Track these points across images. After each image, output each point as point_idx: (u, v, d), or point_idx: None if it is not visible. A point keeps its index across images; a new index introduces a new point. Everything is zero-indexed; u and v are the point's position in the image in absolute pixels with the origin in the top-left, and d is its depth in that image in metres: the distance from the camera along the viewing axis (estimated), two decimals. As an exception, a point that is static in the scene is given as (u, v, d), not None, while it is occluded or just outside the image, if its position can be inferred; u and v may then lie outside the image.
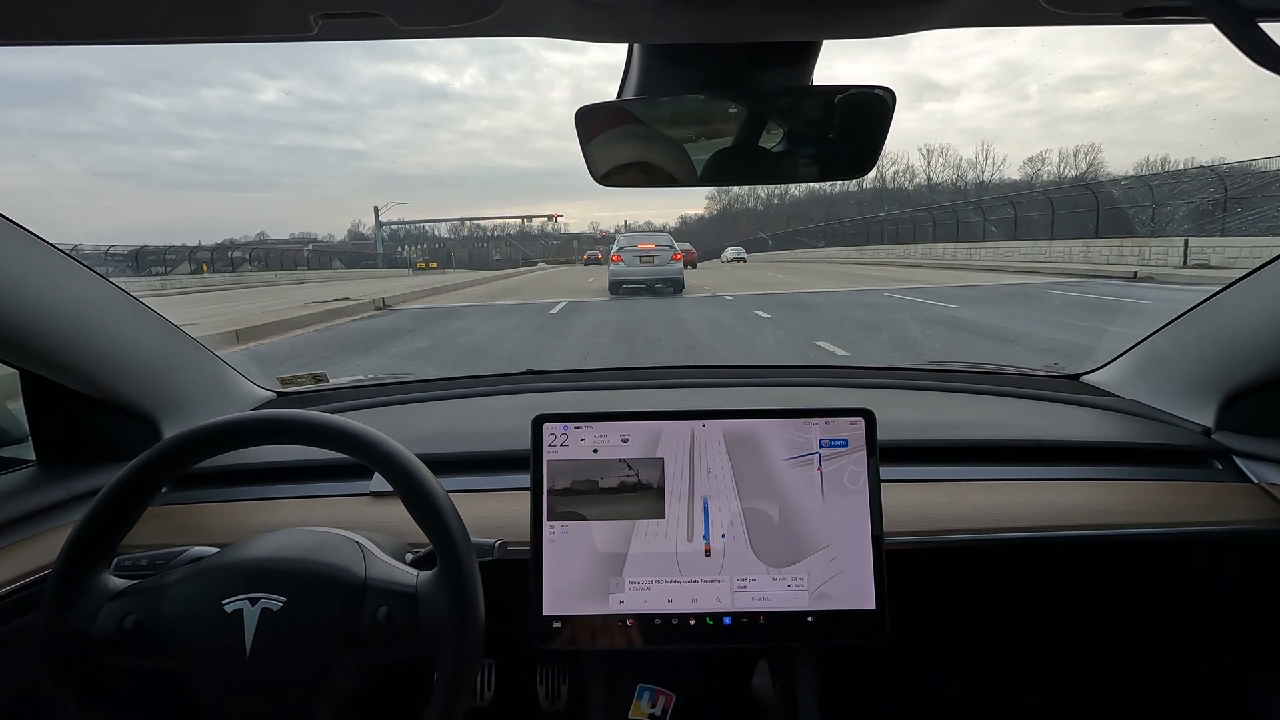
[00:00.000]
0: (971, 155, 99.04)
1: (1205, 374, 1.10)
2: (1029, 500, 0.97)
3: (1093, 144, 55.02)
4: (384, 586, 0.68)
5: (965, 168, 63.34)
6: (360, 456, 0.70)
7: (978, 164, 63.63)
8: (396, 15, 0.49)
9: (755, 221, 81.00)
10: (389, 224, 54.30)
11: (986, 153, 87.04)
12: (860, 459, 0.85)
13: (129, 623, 0.66)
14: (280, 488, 1.02)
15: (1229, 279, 1.04)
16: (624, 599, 0.83)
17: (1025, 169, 56.12)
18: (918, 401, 1.30)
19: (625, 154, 0.74)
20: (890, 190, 63.86)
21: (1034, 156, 69.11)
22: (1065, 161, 53.12)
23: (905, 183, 65.59)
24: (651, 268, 13.94)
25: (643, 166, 0.75)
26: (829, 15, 0.53)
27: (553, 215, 44.44)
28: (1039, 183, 48.23)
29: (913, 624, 0.96)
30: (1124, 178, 33.56)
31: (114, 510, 0.68)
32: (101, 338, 0.95)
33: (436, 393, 1.40)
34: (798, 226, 58.09)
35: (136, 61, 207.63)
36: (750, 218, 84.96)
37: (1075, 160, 51.45)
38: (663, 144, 0.72)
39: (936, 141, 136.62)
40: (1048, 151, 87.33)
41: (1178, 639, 1.14)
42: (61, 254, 0.89)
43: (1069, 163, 52.21)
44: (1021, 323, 8.08)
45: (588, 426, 0.86)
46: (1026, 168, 55.89)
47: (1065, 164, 52.34)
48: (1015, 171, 56.92)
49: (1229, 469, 1.03)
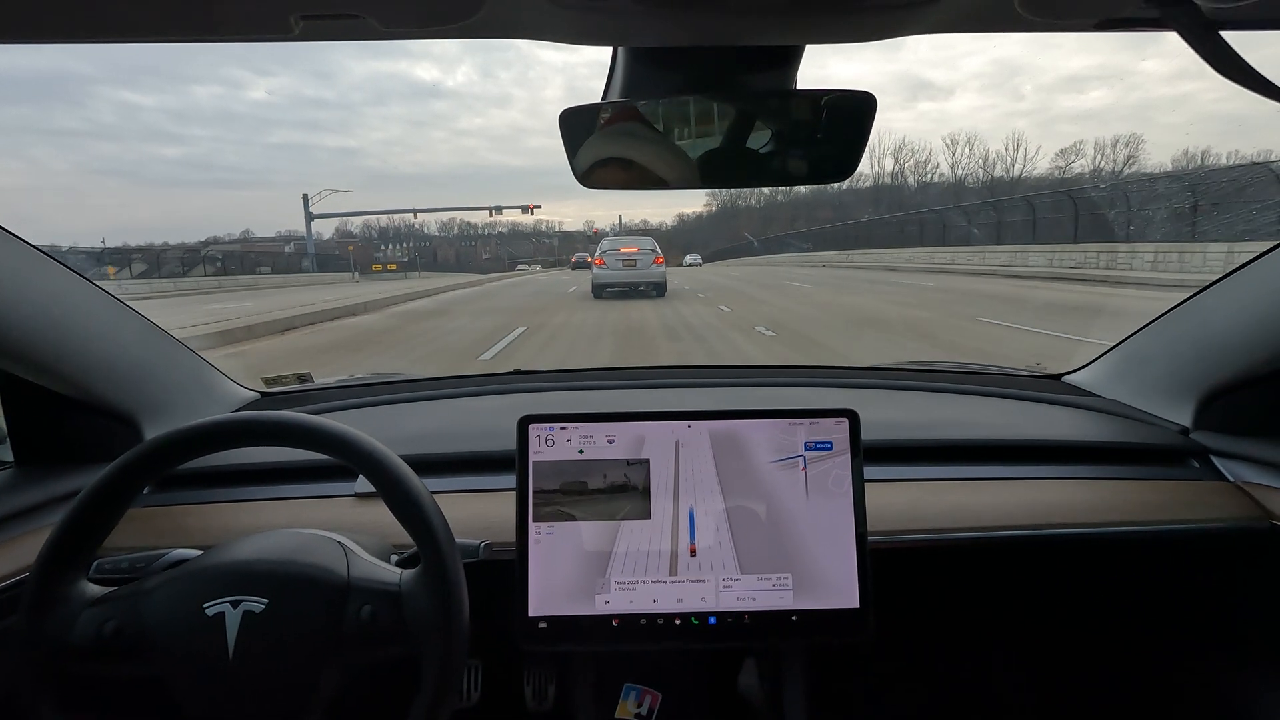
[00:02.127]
0: (1000, 147, 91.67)
1: (1183, 375, 1.12)
2: (1011, 499, 0.98)
3: (1133, 134, 51.64)
4: (367, 586, 0.68)
5: (993, 160, 57.64)
6: (342, 457, 0.70)
7: (1007, 156, 56.77)
8: (378, 16, 0.49)
9: (757, 219, 77.69)
10: (321, 216, 43.21)
11: (1018, 143, 79.42)
12: (844, 462, 0.86)
13: (108, 629, 0.65)
14: (263, 489, 1.02)
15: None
16: (610, 599, 0.83)
17: (1057, 160, 50.69)
18: (901, 401, 1.31)
19: (608, 156, 0.74)
20: (909, 188, 58.99)
21: (1066, 148, 62.95)
22: (1102, 153, 47.03)
23: (927, 177, 60.68)
24: (634, 271, 14.05)
25: (626, 168, 0.75)
26: (810, 20, 0.54)
27: (528, 206, 38.86)
28: (1069, 177, 44.72)
29: (897, 622, 0.97)
30: (1158, 174, 31.41)
31: (93, 513, 0.68)
32: (81, 337, 0.94)
33: (422, 393, 1.39)
34: (804, 228, 54.36)
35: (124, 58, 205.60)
36: (751, 216, 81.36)
37: (1113, 152, 45.22)
38: (646, 146, 0.73)
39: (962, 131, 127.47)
40: (1082, 143, 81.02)
41: (1158, 635, 1.16)
42: (40, 253, 0.88)
43: (1105, 155, 46.20)
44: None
45: (573, 427, 0.86)
46: (1059, 160, 50.56)
47: (1102, 156, 46.42)
48: (1047, 164, 51.73)
49: (1206, 468, 1.05)
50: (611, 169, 0.76)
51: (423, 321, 11.24)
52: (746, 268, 36.40)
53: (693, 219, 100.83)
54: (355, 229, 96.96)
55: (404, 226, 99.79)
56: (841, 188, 53.86)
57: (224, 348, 8.08)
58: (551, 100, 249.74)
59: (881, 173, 61.62)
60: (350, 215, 49.57)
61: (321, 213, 42.01)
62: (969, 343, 7.06)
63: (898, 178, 60.90)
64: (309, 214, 40.32)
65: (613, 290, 14.14)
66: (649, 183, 0.76)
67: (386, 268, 48.93)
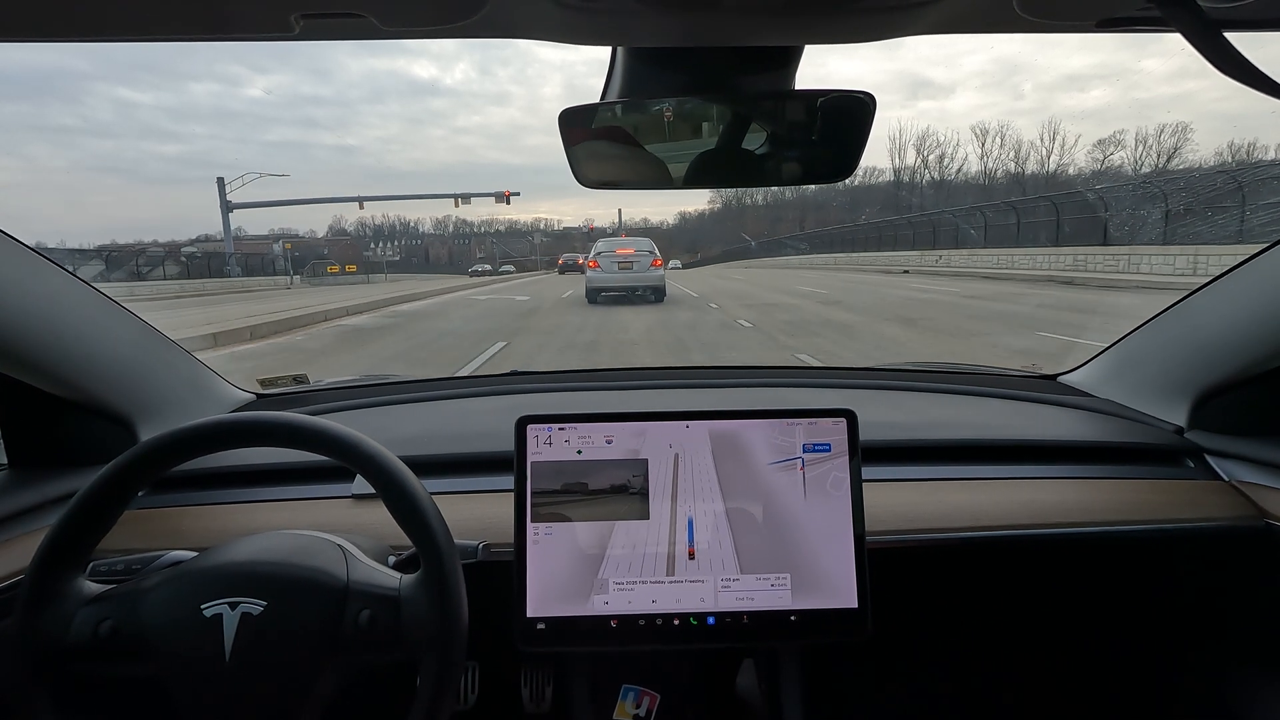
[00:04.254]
0: (1035, 137, 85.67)
1: (1178, 375, 1.12)
2: (1007, 499, 0.99)
3: (1180, 123, 46.21)
4: (366, 590, 0.67)
5: (1026, 150, 53.93)
6: (343, 459, 0.69)
7: (1042, 147, 53.06)
8: (379, 16, 0.49)
9: (763, 218, 75.04)
10: (241, 206, 34.77)
11: (1054, 133, 64.84)
12: (843, 464, 0.86)
13: (105, 628, 0.65)
14: (260, 490, 1.01)
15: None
16: (608, 600, 0.83)
17: (1094, 152, 47.96)
18: (898, 402, 1.32)
19: (608, 156, 0.74)
20: (928, 184, 55.33)
21: (1105, 139, 59.31)
22: (1144, 144, 43.55)
23: (953, 169, 56.91)
24: (630, 274, 13.16)
25: (626, 169, 0.75)
26: (809, 21, 0.54)
27: (503, 194, 32.69)
28: (1106, 171, 42.19)
29: (894, 622, 0.97)
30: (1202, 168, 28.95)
31: (90, 514, 0.67)
32: (76, 338, 0.94)
33: (419, 394, 1.39)
34: (814, 227, 51.98)
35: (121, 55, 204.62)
36: (757, 213, 78.86)
37: (1158, 142, 41.72)
38: (646, 147, 0.73)
39: (993, 120, 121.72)
40: (1123, 133, 70.98)
41: (1153, 633, 1.16)
42: (34, 253, 0.88)
43: (1149, 145, 42.76)
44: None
45: (571, 428, 0.86)
46: (1096, 151, 47.71)
47: (1145, 147, 43.05)
48: (1084, 157, 48.73)
49: (1201, 467, 1.06)
50: (611, 169, 0.76)
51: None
52: (748, 270, 35.73)
53: (694, 217, 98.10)
54: (350, 227, 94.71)
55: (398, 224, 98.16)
56: (853, 183, 50.69)
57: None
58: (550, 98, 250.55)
59: (903, 167, 58.24)
60: (275, 205, 39.59)
61: (242, 202, 34.66)
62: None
63: (920, 172, 57.42)
64: (225, 203, 33.39)
65: (607, 295, 13.22)
66: (648, 183, 0.76)
67: (345, 269, 41.10)
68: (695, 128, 0.72)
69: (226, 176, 34.43)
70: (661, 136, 0.72)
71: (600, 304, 12.98)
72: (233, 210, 33.77)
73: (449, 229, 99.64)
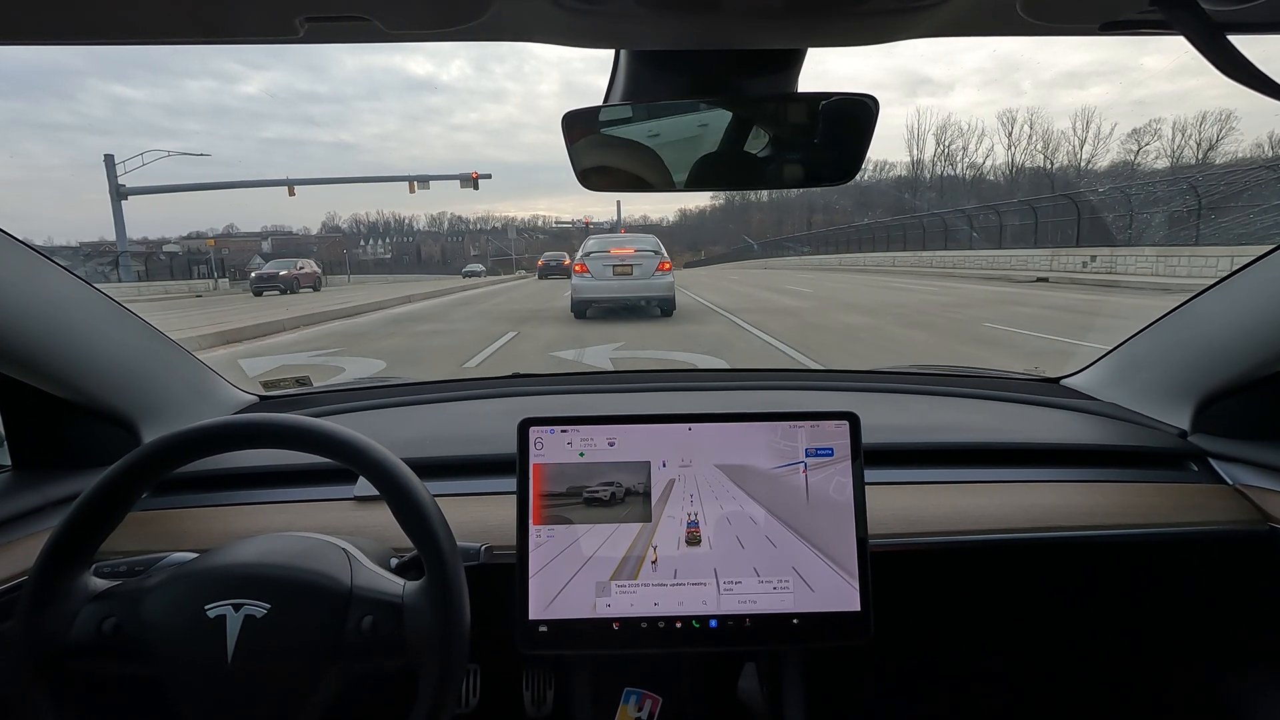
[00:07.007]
0: (1067, 125, 79.92)
1: (1181, 378, 1.12)
2: (1010, 502, 0.98)
3: (1222, 110, 38.19)
4: (370, 596, 0.67)
5: (1058, 140, 48.94)
6: (346, 462, 0.69)
7: (1075, 136, 48.79)
8: (383, 19, 0.49)
9: (768, 216, 72.29)
10: (136, 191, 26.88)
11: (1088, 122, 56.14)
12: (845, 468, 0.86)
13: (108, 626, 0.65)
14: (263, 492, 1.01)
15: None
16: (610, 602, 0.83)
17: (1128, 143, 43.47)
18: (901, 405, 1.31)
19: (610, 158, 0.74)
20: (954, 179, 51.46)
21: (1139, 128, 55.32)
22: (1182, 133, 39.33)
23: (974, 163, 52.97)
24: (629, 281, 9.66)
25: (629, 171, 0.75)
26: (811, 24, 0.54)
27: (470, 175, 25.56)
28: (1140, 162, 39.63)
29: (897, 625, 0.97)
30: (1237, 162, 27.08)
31: (93, 515, 0.67)
32: (78, 340, 0.94)
33: (421, 396, 1.39)
34: (822, 225, 49.11)
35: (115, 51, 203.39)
36: (760, 211, 75.94)
37: (1199, 131, 37.39)
38: (648, 149, 0.73)
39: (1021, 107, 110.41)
40: (1159, 122, 69.43)
41: (1156, 637, 1.16)
42: (36, 254, 0.88)
43: (1188, 134, 38.48)
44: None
45: (574, 430, 0.86)
46: (1130, 142, 43.29)
47: (1183, 136, 38.83)
48: (1118, 149, 44.15)
49: (1204, 471, 1.06)
50: (614, 172, 0.76)
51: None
52: (746, 271, 35.18)
53: (695, 214, 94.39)
54: (344, 224, 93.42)
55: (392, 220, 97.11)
56: (863, 179, 47.39)
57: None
58: (547, 95, 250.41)
59: (921, 159, 54.86)
60: (174, 190, 30.32)
61: (137, 187, 26.96)
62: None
63: (937, 165, 54.08)
64: (116, 188, 25.77)
65: (599, 309, 10.08)
66: (651, 186, 0.76)
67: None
68: (698, 130, 0.72)
69: (120, 155, 27.06)
70: (664, 139, 0.72)
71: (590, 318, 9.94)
72: (126, 197, 26.63)
73: (444, 226, 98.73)
